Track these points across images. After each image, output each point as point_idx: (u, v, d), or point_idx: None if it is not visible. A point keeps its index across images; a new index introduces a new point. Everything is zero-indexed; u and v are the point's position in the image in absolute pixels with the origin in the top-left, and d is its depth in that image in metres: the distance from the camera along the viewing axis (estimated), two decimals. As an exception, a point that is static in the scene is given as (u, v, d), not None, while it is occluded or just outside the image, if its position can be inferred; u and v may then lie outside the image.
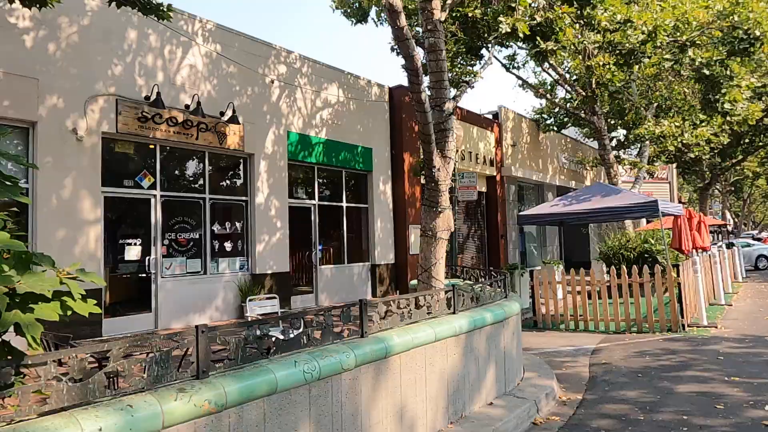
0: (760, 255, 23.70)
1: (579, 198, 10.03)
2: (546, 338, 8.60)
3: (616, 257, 14.25)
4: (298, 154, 11.84)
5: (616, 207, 9.04)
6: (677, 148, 20.80)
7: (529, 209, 10.34)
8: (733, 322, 9.04)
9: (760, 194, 53.37)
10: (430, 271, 6.92)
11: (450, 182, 7.08)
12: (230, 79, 10.46)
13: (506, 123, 19.98)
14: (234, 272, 10.45)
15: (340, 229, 13.24)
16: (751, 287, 15.22)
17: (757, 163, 35.12)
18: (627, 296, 8.75)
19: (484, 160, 18.36)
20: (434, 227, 6.92)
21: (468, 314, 4.64)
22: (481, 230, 19.29)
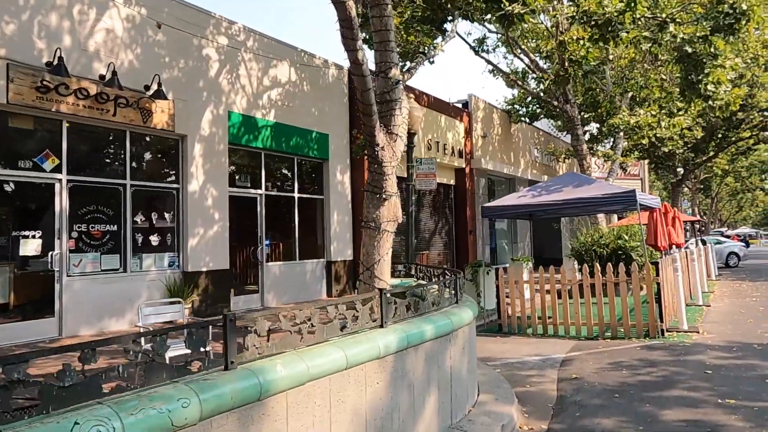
0: (731, 252, 23.45)
1: (549, 188, 9.07)
2: (511, 345, 7.60)
3: (589, 254, 13.42)
4: (241, 137, 10.57)
5: (589, 198, 8.11)
6: (651, 142, 20.22)
7: (495, 200, 9.35)
8: (715, 326, 8.21)
9: (727, 193, 54.14)
10: (372, 270, 5.82)
11: (397, 164, 5.98)
12: (158, 49, 9.12)
13: (476, 113, 19.02)
14: (161, 270, 9.15)
15: (292, 223, 12.03)
16: (726, 285, 14.62)
17: (726, 160, 35.20)
18: (600, 297, 7.81)
19: (452, 151, 17.36)
20: (378, 218, 5.82)
21: (401, 328, 3.54)
22: (449, 225, 18.31)
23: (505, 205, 9.01)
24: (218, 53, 10.19)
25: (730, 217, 74.19)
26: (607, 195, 7.97)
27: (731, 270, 21.30)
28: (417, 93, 15.79)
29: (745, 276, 17.86)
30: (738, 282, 15.59)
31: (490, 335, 8.44)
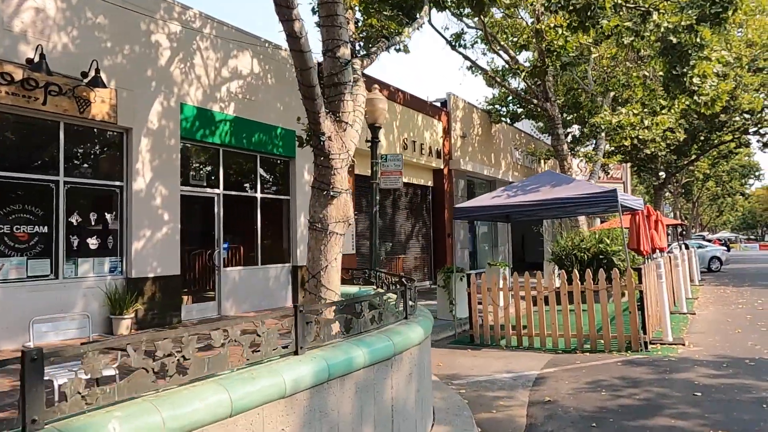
0: (713, 257, 23.13)
1: (526, 188, 8.42)
2: (481, 359, 6.90)
3: (569, 259, 12.82)
4: (195, 132, 9.76)
5: (568, 198, 7.46)
6: (633, 144, 19.80)
7: (467, 201, 8.67)
8: (702, 338, 7.61)
9: (708, 197, 54.48)
10: (318, 278, 5.07)
11: (348, 157, 5.25)
12: (98, 32, 8.29)
13: (455, 112, 18.41)
14: (101, 276, 8.29)
15: (253, 224, 11.22)
16: (710, 291, 14.15)
17: (708, 164, 35.18)
18: (579, 306, 7.15)
19: (430, 151, 16.71)
20: (325, 218, 5.07)
21: (322, 354, 2.80)
22: (426, 228, 17.64)
23: (479, 206, 8.34)
24: (170, 40, 9.38)
25: (710, 221, 74.92)
26: (587, 195, 7.33)
27: (714, 275, 20.96)
28: (392, 89, 15.12)
29: (729, 281, 17.47)
30: (722, 287, 15.14)
31: (460, 347, 7.74)
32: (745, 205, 78.43)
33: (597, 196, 7.26)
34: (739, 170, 43.13)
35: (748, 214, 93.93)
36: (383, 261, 15.75)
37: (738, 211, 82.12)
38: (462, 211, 8.46)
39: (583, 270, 13.03)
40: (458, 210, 8.50)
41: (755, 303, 11.21)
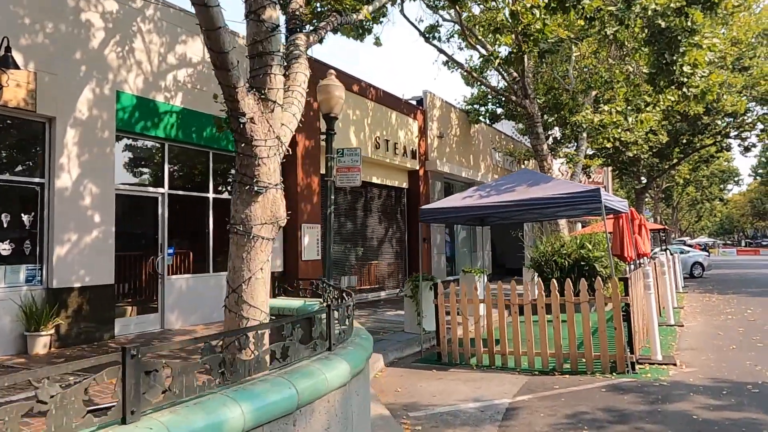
0: (696, 262, 22.66)
1: (500, 188, 7.57)
2: (446, 383, 5.99)
3: (549, 265, 12.06)
4: (135, 124, 8.72)
5: (546, 198, 6.62)
6: (615, 146, 19.19)
7: (434, 202, 7.80)
8: (694, 355, 6.81)
9: (687, 202, 54.70)
10: (240, 293, 4.12)
11: (279, 144, 4.31)
12: (14, 6, 7.23)
13: (432, 111, 17.59)
14: (15, 286, 7.21)
15: (205, 228, 10.19)
16: (695, 299, 13.49)
17: (689, 169, 35.00)
18: (558, 320, 6.30)
19: (404, 151, 15.84)
20: (248, 219, 4.13)
21: (167, 421, 1.84)
22: (401, 232, 16.74)
23: (448, 207, 7.46)
24: (104, 20, 8.34)
25: (689, 226, 75.56)
26: (567, 194, 6.50)
27: (697, 281, 20.44)
28: (363, 85, 14.24)
29: (713, 287, 16.90)
30: (707, 295, 14.52)
31: (426, 367, 6.84)
32: (723, 210, 79.36)
33: (578, 196, 6.43)
34: (719, 175, 43.23)
35: (726, 220, 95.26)
36: (354, 267, 14.83)
37: (716, 217, 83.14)
38: (429, 213, 7.58)
39: (563, 277, 12.29)
40: (425, 212, 7.61)
41: (745, 313, 10.53)
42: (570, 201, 6.53)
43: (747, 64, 16.34)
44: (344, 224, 14.09)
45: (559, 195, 6.58)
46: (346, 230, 14.17)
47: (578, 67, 15.30)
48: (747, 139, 23.68)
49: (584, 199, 6.41)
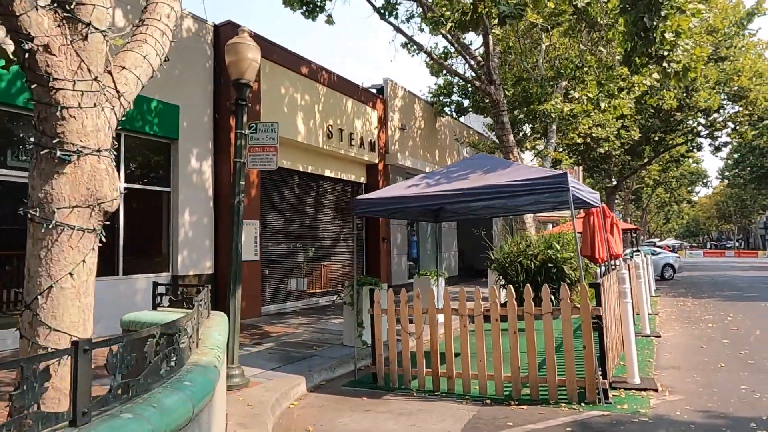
0: (667, 264, 22.01)
1: (451, 175, 6.34)
2: (374, 417, 4.70)
3: (513, 267, 10.92)
4: (16, 95, 7.20)
5: (503, 186, 5.41)
6: (586, 143, 18.32)
7: (374, 192, 6.51)
8: (678, 377, 5.70)
9: (656, 205, 55.00)
10: (35, 309, 2.73)
11: (119, 97, 2.95)
12: None
13: (394, 101, 16.34)
14: None
15: (114, 223, 8.69)
16: (669, 303, 12.57)
17: (659, 170, 34.72)
18: (516, 337, 5.10)
19: (361, 143, 14.55)
20: (48, 200, 2.76)
21: None
22: (358, 231, 15.44)
23: (389, 198, 6.18)
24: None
25: (657, 228, 76.52)
26: (528, 181, 5.29)
27: (668, 283, 19.73)
28: (314, 67, 12.88)
29: (685, 291, 16.13)
30: (681, 299, 13.65)
31: (356, 392, 5.54)
32: (690, 212, 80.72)
33: (541, 183, 5.23)
34: (688, 177, 43.33)
35: (692, 222, 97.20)
36: (303, 269, 13.45)
37: (683, 219, 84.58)
38: (365, 205, 6.28)
39: (529, 280, 11.19)
40: (360, 203, 6.31)
41: (725, 321, 9.58)
42: (532, 188, 5.32)
43: (724, 54, 15.66)
44: (291, 221, 12.70)
45: (519, 181, 5.37)
46: (293, 228, 12.78)
47: (549, 58, 14.28)
48: (718, 138, 23.23)
49: (549, 186, 5.21)
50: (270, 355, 7.04)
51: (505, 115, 11.93)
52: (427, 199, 5.99)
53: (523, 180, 5.37)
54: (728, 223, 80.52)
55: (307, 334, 8.66)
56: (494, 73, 11.96)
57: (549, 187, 5.20)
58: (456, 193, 5.80)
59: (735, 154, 39.50)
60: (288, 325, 9.59)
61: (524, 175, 5.52)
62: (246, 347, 7.51)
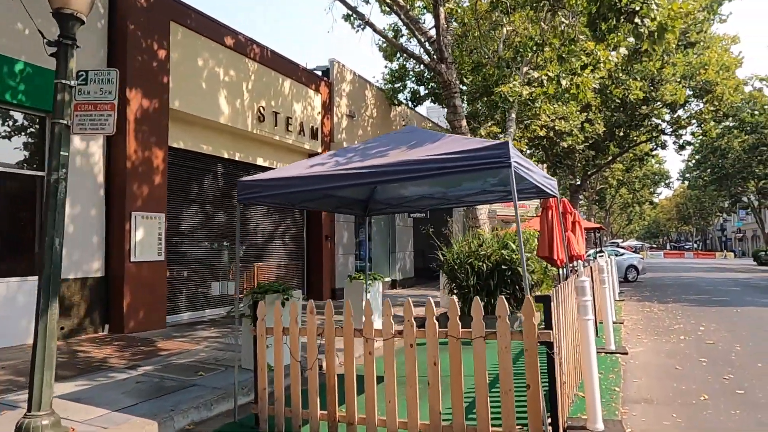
0: (630, 265, 21.22)
1: (369, 151, 4.88)
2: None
3: (463, 270, 9.56)
4: None
5: (425, 160, 3.97)
6: (549, 136, 17.23)
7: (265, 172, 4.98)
8: (651, 415, 4.38)
9: (619, 206, 55.20)
10: None
11: None
12: None
13: (341, 84, 14.82)
14: None
15: None
16: (635, 310, 11.47)
17: (622, 169, 34.28)
18: (436, 370, 3.66)
19: (301, 129, 12.96)
20: None
21: None
22: (298, 228, 13.84)
23: (283, 179, 4.65)
24: None
25: (620, 229, 77.42)
26: (456, 154, 3.86)
27: (632, 285, 18.87)
28: (243, 39, 11.20)
29: (650, 294, 15.18)
30: (646, 304, 12.60)
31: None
32: (652, 214, 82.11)
33: (472, 156, 3.81)
34: (651, 177, 43.33)
35: (653, 224, 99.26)
36: (231, 270, 11.80)
37: (645, 221, 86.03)
38: (252, 188, 4.74)
39: (480, 284, 9.85)
40: (246, 186, 4.77)
41: (697, 331, 8.45)
42: (461, 165, 3.89)
43: (693, 38, 14.82)
44: (215, 215, 11.02)
45: (443, 156, 3.93)
46: (219, 223, 11.10)
47: (510, 42, 13.03)
48: (682, 136, 22.62)
49: (483, 160, 3.79)
50: (137, 385, 5.42)
51: (458, 97, 10.58)
52: (330, 180, 4.49)
53: (450, 154, 3.93)
54: (687, 225, 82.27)
55: (206, 351, 7.05)
56: (446, 50, 10.59)
57: (484, 162, 3.78)
58: (367, 171, 4.32)
59: (696, 155, 39.60)
60: (191, 340, 7.94)
61: (453, 148, 4.08)
62: (114, 372, 5.87)
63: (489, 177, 6.01)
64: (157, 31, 9.11)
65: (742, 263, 40.83)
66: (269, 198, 4.69)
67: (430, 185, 6.51)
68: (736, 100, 18.87)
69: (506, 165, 3.69)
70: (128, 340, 7.84)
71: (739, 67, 18.64)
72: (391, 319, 3.90)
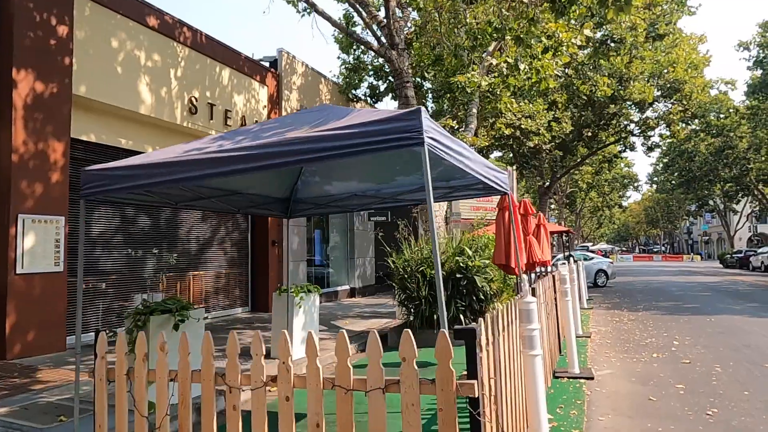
0: (600, 270, 20.58)
1: (263, 134, 3.77)
2: None
3: (413, 279, 8.51)
4: None
5: (316, 137, 2.89)
6: (515, 135, 16.41)
7: (124, 159, 3.82)
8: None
9: (589, 209, 55.33)
10: None
11: None
12: None
13: (290, 77, 13.66)
14: None
15: None
16: (604, 320, 10.61)
17: (592, 172, 33.97)
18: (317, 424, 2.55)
19: (243, 123, 11.73)
20: None
21: None
22: (241, 232, 12.60)
23: (141, 166, 3.50)
24: None
25: (590, 233, 78.02)
26: (358, 128, 2.80)
27: (601, 291, 18.17)
28: (170, 20, 9.91)
29: (619, 300, 14.43)
30: (616, 312, 11.78)
31: None
32: (621, 217, 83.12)
33: (376, 131, 2.73)
34: (620, 180, 43.35)
35: (622, 227, 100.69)
36: (160, 281, 10.48)
37: (614, 224, 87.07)
38: (98, 181, 3.58)
39: (433, 295, 8.80)
40: (90, 177, 3.60)
41: (671, 346, 7.57)
42: (363, 144, 2.81)
43: (662, 30, 14.22)
44: (137, 218, 9.71)
45: (340, 132, 2.85)
46: (141, 227, 9.80)
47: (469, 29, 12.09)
48: (651, 137, 22.19)
49: (388, 137, 2.71)
50: (-34, 437, 4.15)
51: (410, 87, 9.57)
52: (201, 165, 3.36)
53: (347, 128, 2.85)
54: (655, 228, 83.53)
55: (91, 385, 5.78)
56: (397, 35, 9.57)
57: (389, 139, 2.70)
58: (243, 155, 3.22)
59: (664, 159, 39.70)
60: (86, 367, 6.64)
61: (354, 120, 3.00)
62: (-50, 418, 4.56)
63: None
64: (56, 4, 7.82)
65: (708, 266, 41.09)
66: (127, 192, 3.54)
67: (358, 181, 5.43)
68: (705, 99, 18.46)
69: (417, 141, 2.62)
70: (5, 369, 6.50)
71: (707, 66, 18.26)
72: (263, 360, 2.78)
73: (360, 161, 4.80)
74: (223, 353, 7.40)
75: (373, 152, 2.75)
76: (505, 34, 8.55)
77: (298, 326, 7.27)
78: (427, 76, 14.63)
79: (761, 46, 23.95)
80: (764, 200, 36.70)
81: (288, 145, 3.04)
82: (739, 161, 32.80)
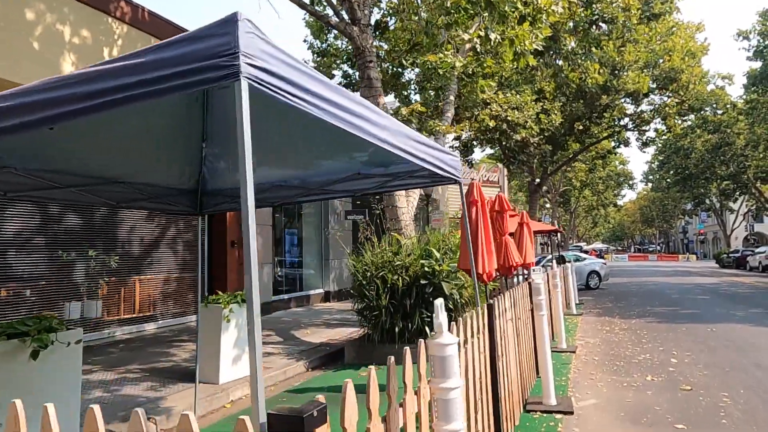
0: (592, 271, 19.53)
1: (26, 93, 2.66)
2: None
3: (372, 286, 7.41)
4: None
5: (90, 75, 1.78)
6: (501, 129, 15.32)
7: None
8: None
9: (584, 208, 54.40)
10: None
11: None
12: None
13: (254, 62, 12.53)
14: None
15: None
16: (593, 329, 9.54)
17: (586, 169, 32.98)
18: None
19: (196, 112, 10.62)
20: None
21: None
22: (194, 232, 11.46)
23: None
24: None
25: (585, 232, 77.15)
26: (145, 56, 1.70)
27: (593, 294, 17.13)
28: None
29: (612, 305, 13.38)
30: (607, 320, 10.72)
31: None
32: (616, 217, 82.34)
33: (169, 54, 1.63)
34: (615, 178, 42.40)
35: (618, 227, 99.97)
36: (97, 287, 9.35)
37: (610, 223, 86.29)
38: None
39: (395, 304, 7.69)
40: None
41: (668, 366, 6.50)
42: (146, 84, 1.69)
43: (658, 9, 13.18)
44: (66, 215, 8.57)
45: (109, 66, 1.72)
46: (72, 225, 8.66)
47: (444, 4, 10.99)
48: (645, 132, 21.17)
49: (186, 69, 1.60)
50: None
51: (373, 68, 8.47)
52: None
53: (119, 62, 1.72)
54: (651, 228, 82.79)
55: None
56: (359, 10, 8.46)
57: (181, 72, 1.59)
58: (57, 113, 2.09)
59: (660, 156, 38.76)
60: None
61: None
62: None
63: (355, 151, 3.85)
64: None
65: (704, 266, 40.18)
66: None
67: (280, 167, 4.32)
68: (702, 90, 17.48)
69: (229, 72, 1.51)
70: None
71: (705, 54, 17.28)
72: None
73: (258, 139, 3.68)
74: (142, 372, 6.27)
75: (160, 94, 1.65)
76: (479, 2, 7.47)
77: (227, 344, 6.16)
78: (405, 63, 13.54)
79: (762, 35, 22.99)
80: (762, 198, 35.79)
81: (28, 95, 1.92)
82: (737, 158, 31.88)
